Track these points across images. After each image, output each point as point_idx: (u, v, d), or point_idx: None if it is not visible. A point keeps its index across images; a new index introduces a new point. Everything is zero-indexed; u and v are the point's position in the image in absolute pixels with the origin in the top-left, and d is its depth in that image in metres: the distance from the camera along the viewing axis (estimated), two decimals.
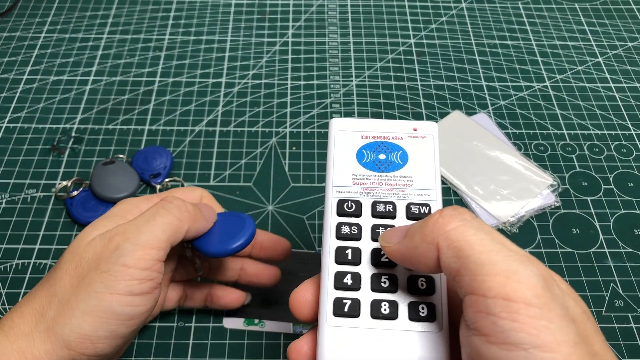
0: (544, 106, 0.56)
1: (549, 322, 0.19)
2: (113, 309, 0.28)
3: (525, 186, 0.49)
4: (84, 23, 0.64)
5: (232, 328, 0.41)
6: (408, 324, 0.25)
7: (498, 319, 0.20)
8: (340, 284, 0.26)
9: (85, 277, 0.29)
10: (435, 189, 0.29)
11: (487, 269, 0.20)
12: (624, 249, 0.46)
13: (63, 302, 0.28)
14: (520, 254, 0.21)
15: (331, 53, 0.61)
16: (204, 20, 0.65)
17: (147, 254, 0.29)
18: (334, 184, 0.29)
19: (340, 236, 0.27)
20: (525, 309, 0.19)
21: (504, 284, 0.20)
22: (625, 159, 0.52)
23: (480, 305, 0.20)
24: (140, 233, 0.29)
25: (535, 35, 0.64)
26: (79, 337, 0.28)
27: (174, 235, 0.30)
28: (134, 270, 0.28)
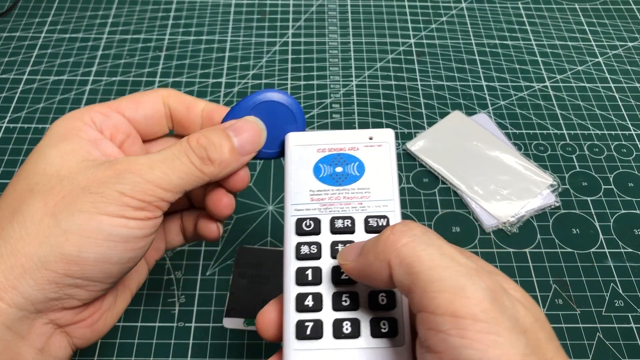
0: (544, 106, 0.56)
1: (497, 336, 0.19)
2: (103, 228, 0.24)
3: (525, 186, 0.49)
4: (84, 23, 0.64)
5: (232, 328, 0.41)
6: (370, 341, 0.25)
7: (447, 336, 0.20)
8: (302, 307, 0.26)
9: (66, 196, 0.25)
10: (393, 199, 0.28)
11: (435, 285, 0.21)
12: (624, 249, 0.46)
13: (34, 221, 0.24)
14: (468, 268, 0.21)
15: (331, 53, 0.61)
16: (204, 20, 0.65)
17: (151, 191, 0.25)
18: (292, 202, 0.28)
19: (300, 256, 0.27)
20: (473, 324, 0.19)
21: (451, 300, 0.20)
22: (625, 159, 0.52)
23: (431, 322, 0.20)
24: (151, 170, 0.26)
25: (535, 35, 0.64)
26: (60, 257, 0.24)
27: (191, 185, 0.27)
28: (130, 199, 0.25)
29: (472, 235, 0.46)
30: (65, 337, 0.27)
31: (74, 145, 0.27)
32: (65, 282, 0.24)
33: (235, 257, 0.45)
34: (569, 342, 0.41)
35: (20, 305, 0.24)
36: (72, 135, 0.27)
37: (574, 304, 0.43)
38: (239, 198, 0.48)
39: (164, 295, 0.43)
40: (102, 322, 0.28)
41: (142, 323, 0.41)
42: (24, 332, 0.24)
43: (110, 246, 0.25)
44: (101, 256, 0.25)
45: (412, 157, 0.52)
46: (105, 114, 0.29)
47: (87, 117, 0.28)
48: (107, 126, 0.29)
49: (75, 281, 0.24)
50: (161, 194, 0.26)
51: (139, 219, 0.25)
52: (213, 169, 0.27)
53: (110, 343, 0.40)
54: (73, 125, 0.28)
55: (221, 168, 0.28)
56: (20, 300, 0.24)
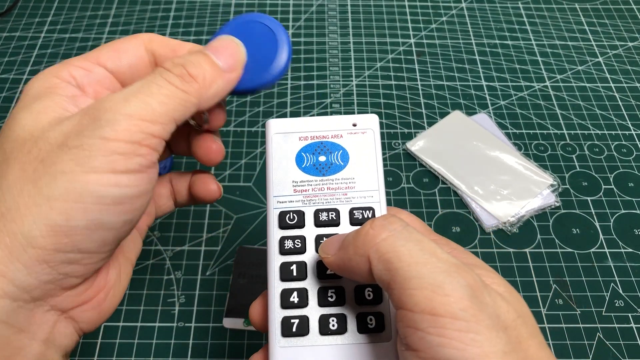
0: (544, 106, 0.56)
1: (477, 335, 0.19)
2: (91, 190, 0.21)
3: (526, 186, 0.49)
4: (83, 23, 0.64)
5: (232, 328, 0.41)
6: (357, 336, 0.25)
7: (426, 334, 0.19)
8: (287, 303, 0.25)
9: (44, 159, 0.21)
10: (378, 189, 0.27)
11: (414, 282, 0.20)
12: (624, 249, 0.46)
13: (14, 194, 0.21)
14: (448, 264, 0.21)
15: (331, 53, 0.61)
16: (203, 20, 0.65)
17: (135, 126, 0.22)
18: (274, 194, 0.27)
19: (284, 251, 0.26)
20: (452, 322, 0.19)
21: (430, 298, 0.20)
22: (625, 159, 0.52)
23: (409, 320, 0.20)
24: (127, 102, 0.22)
25: (536, 35, 0.64)
26: (47, 230, 0.21)
27: (178, 110, 0.23)
28: (115, 143, 0.21)
29: (472, 235, 0.46)
30: (70, 322, 0.24)
31: (47, 102, 0.23)
32: (57, 258, 0.21)
33: (235, 257, 0.45)
34: (569, 342, 0.41)
35: (13, 294, 0.21)
36: (47, 94, 0.24)
37: (574, 304, 0.43)
38: (239, 198, 0.48)
39: (164, 295, 0.43)
40: (109, 300, 0.26)
41: (142, 323, 0.41)
42: (22, 325, 0.22)
43: (102, 210, 0.21)
44: (92, 223, 0.21)
45: (412, 157, 0.52)
46: (86, 68, 0.26)
47: (65, 73, 0.25)
48: (89, 82, 0.26)
49: (67, 256, 0.21)
50: (148, 127, 0.22)
51: (131, 171, 0.22)
52: (197, 86, 0.24)
53: (110, 343, 0.40)
54: (49, 83, 0.25)
55: (205, 85, 0.24)
56: (12, 289, 0.21)
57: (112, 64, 0.27)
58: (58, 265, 0.21)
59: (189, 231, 0.46)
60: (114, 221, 0.22)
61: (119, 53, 0.27)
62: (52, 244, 0.21)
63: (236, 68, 0.26)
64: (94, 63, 0.26)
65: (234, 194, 0.48)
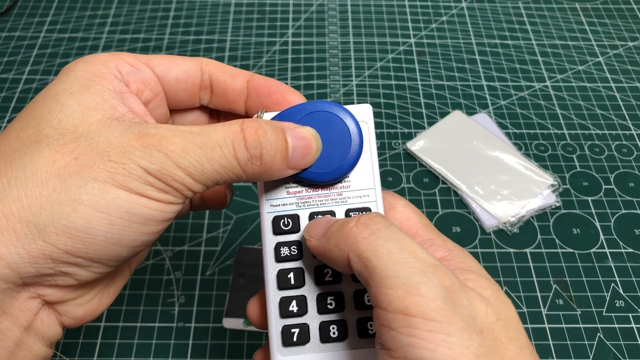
0: (545, 106, 0.56)
1: (448, 336, 0.19)
2: (120, 204, 0.21)
3: (526, 186, 0.49)
4: (83, 22, 0.64)
5: (231, 328, 0.41)
6: (358, 342, 0.25)
7: (398, 333, 0.19)
8: (287, 312, 0.25)
9: (79, 158, 0.21)
10: (374, 187, 0.26)
11: (389, 282, 0.20)
12: (625, 249, 0.46)
13: (37, 181, 0.20)
14: (425, 264, 0.20)
15: (331, 53, 0.61)
16: (203, 19, 0.65)
17: (180, 178, 0.22)
18: (267, 197, 0.26)
19: (280, 259, 0.26)
20: (423, 323, 0.19)
21: (403, 297, 0.20)
22: (626, 158, 0.52)
23: (383, 319, 0.20)
24: (185, 154, 0.21)
25: (536, 34, 0.64)
26: (64, 230, 0.20)
27: (224, 180, 0.23)
28: (154, 180, 0.21)
29: (472, 235, 0.46)
30: (54, 314, 0.23)
31: (97, 98, 0.23)
32: (65, 259, 0.21)
33: (235, 257, 0.44)
34: (569, 343, 0.41)
35: (5, 276, 0.20)
36: (94, 83, 0.23)
37: (574, 304, 0.43)
38: (239, 198, 0.48)
39: (164, 296, 0.43)
40: (97, 301, 0.25)
41: (141, 323, 0.41)
42: (6, 307, 0.21)
43: (125, 226, 0.21)
44: (113, 236, 0.21)
45: (412, 157, 0.52)
46: (134, 65, 0.25)
47: (113, 65, 0.24)
48: (134, 79, 0.25)
49: (76, 260, 0.21)
50: (190, 184, 0.22)
51: (160, 201, 0.22)
52: (257, 170, 0.23)
53: (110, 343, 0.40)
54: (97, 71, 0.24)
55: (262, 173, 0.24)
56: (6, 272, 0.20)
57: (161, 71, 0.26)
58: (63, 265, 0.21)
59: (188, 231, 0.46)
60: (133, 239, 0.22)
61: (171, 63, 0.26)
62: (64, 245, 0.20)
63: (297, 169, 0.25)
64: (143, 62, 0.26)
65: (233, 194, 0.48)
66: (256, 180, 0.24)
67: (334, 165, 0.25)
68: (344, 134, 0.26)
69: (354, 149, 0.26)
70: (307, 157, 0.25)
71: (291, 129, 0.24)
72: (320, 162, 0.25)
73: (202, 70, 0.27)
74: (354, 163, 0.26)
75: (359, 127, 0.26)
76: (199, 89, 0.27)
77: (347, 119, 0.26)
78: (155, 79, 0.26)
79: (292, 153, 0.24)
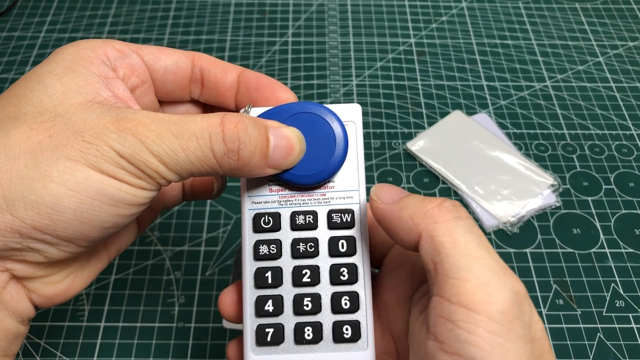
0: (545, 106, 0.56)
1: (506, 341, 0.19)
2: (91, 184, 0.20)
3: (526, 186, 0.49)
4: (83, 22, 0.64)
5: (231, 328, 0.41)
6: (332, 346, 0.25)
7: (455, 327, 0.19)
8: (262, 312, 0.25)
9: (53, 136, 0.21)
10: (359, 189, 0.26)
11: (460, 273, 0.20)
12: (625, 249, 0.46)
13: (10, 156, 0.20)
14: (500, 265, 0.20)
15: (331, 53, 0.61)
16: (203, 19, 0.65)
17: (153, 165, 0.21)
18: (249, 193, 0.26)
19: (259, 257, 0.25)
20: (486, 322, 0.19)
21: (472, 292, 0.19)
22: (626, 158, 0.52)
23: (443, 309, 0.19)
24: (159, 140, 0.21)
25: (536, 34, 0.64)
26: (32, 206, 0.20)
27: (199, 172, 0.23)
28: (127, 164, 0.21)
29: None
30: (23, 290, 0.23)
31: (81, 81, 0.22)
32: (32, 234, 0.20)
33: (235, 257, 0.44)
34: (569, 343, 0.41)
35: None
36: (80, 67, 0.23)
37: (574, 304, 0.43)
38: (239, 198, 0.48)
39: (164, 296, 0.43)
40: (69, 282, 0.24)
41: (141, 323, 0.41)
42: None
43: (95, 206, 0.21)
44: (82, 215, 0.21)
45: (412, 157, 0.52)
46: (122, 51, 0.25)
47: (102, 51, 0.24)
48: (122, 65, 0.25)
49: (44, 237, 0.21)
50: (164, 172, 0.22)
51: (133, 185, 0.22)
52: (234, 165, 0.23)
53: (110, 343, 0.40)
54: (84, 55, 0.24)
55: (238, 169, 0.23)
56: None
57: (150, 59, 0.26)
58: (30, 240, 0.21)
59: (188, 231, 0.46)
60: (102, 220, 0.21)
61: (161, 53, 0.26)
62: (31, 220, 0.20)
63: (279, 169, 0.25)
64: (133, 50, 0.26)
65: (233, 194, 0.48)
66: (234, 175, 0.24)
67: (317, 168, 0.25)
68: (329, 137, 0.25)
69: (338, 153, 0.25)
70: (289, 157, 0.25)
71: (275, 127, 0.24)
72: (303, 164, 0.25)
73: (194, 64, 0.27)
74: (337, 167, 0.25)
75: (344, 130, 0.26)
76: (189, 81, 0.27)
77: (334, 122, 0.25)
78: (143, 66, 0.26)
79: (273, 152, 0.24)
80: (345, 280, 0.25)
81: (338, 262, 0.25)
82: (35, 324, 0.41)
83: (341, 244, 0.26)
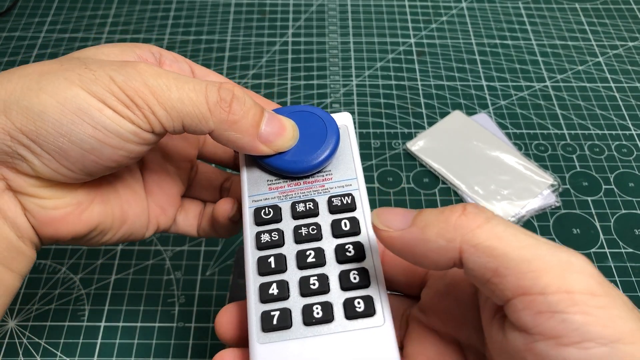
0: (545, 106, 0.56)
1: (620, 311, 0.17)
2: (75, 100, 0.22)
3: (526, 186, 0.49)
4: (83, 23, 0.64)
5: None
6: (346, 323, 0.22)
7: (568, 315, 0.17)
8: (267, 296, 0.23)
9: (64, 64, 0.23)
10: (357, 177, 0.26)
11: (535, 264, 0.18)
12: (625, 249, 0.46)
13: (23, 74, 0.23)
14: (559, 245, 0.19)
15: (331, 53, 0.61)
16: (203, 19, 0.65)
17: (143, 94, 0.23)
18: (249, 193, 0.26)
19: (261, 246, 0.25)
20: (593, 299, 0.17)
21: (562, 276, 0.18)
22: (625, 159, 0.52)
23: (541, 304, 0.18)
24: (157, 77, 0.23)
25: (536, 35, 0.64)
26: (22, 109, 0.22)
27: (189, 121, 0.23)
28: (118, 89, 0.22)
29: None
30: (19, 205, 0.24)
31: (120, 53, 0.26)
32: (19, 138, 0.22)
33: (235, 257, 0.44)
34: None
35: None
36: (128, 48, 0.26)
37: None
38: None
39: (164, 296, 0.43)
40: (63, 214, 0.25)
41: (141, 323, 0.41)
42: None
43: (75, 122, 0.22)
44: (61, 127, 0.22)
45: (412, 157, 0.52)
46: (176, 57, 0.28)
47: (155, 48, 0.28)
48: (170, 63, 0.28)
49: (29, 143, 0.22)
50: (154, 105, 0.23)
51: (119, 113, 0.22)
52: (225, 117, 0.24)
53: (110, 343, 0.40)
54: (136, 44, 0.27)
55: (230, 125, 0.24)
56: None
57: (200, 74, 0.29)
58: (18, 145, 0.22)
59: None
60: (81, 138, 0.22)
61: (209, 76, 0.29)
62: (20, 123, 0.22)
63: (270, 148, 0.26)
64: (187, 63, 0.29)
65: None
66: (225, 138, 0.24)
67: (310, 155, 0.26)
68: (321, 127, 0.27)
69: (330, 141, 0.27)
70: (281, 136, 0.26)
71: (271, 112, 0.26)
72: (297, 154, 0.26)
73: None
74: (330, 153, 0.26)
75: (335, 124, 0.27)
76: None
77: (326, 117, 0.27)
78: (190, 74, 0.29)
79: (266, 126, 0.25)
80: (352, 257, 0.24)
81: (343, 241, 0.25)
82: (36, 324, 0.41)
83: (344, 223, 0.25)
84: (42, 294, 0.42)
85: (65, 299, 0.42)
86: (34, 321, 0.41)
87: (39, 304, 0.42)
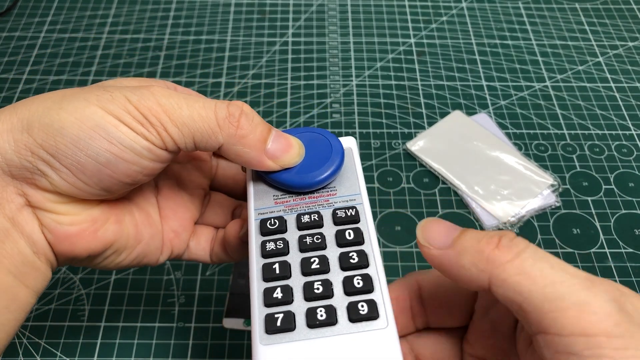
0: (545, 106, 0.56)
1: (636, 350, 0.18)
2: (93, 117, 0.23)
3: (526, 186, 0.49)
4: (83, 23, 0.64)
5: (231, 328, 0.41)
6: (350, 326, 0.23)
7: (582, 357, 0.18)
8: (270, 300, 0.24)
9: (85, 88, 0.25)
10: (360, 193, 0.27)
11: (555, 304, 0.19)
12: (625, 249, 0.46)
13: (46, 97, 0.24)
14: (583, 279, 0.20)
15: (331, 53, 0.61)
16: (203, 20, 0.65)
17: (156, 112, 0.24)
18: (255, 207, 0.27)
19: (266, 253, 0.25)
20: (608, 341, 0.18)
21: (578, 318, 0.18)
22: (625, 159, 0.52)
23: (558, 345, 0.18)
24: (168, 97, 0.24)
25: (536, 34, 0.64)
26: (43, 126, 0.23)
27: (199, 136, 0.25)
28: (133, 108, 0.24)
29: None
30: (36, 221, 0.25)
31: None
32: (39, 153, 0.23)
33: None
34: None
35: None
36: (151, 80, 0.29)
37: None
38: None
39: (164, 296, 0.43)
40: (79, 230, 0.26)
41: (141, 323, 0.41)
42: None
43: (93, 137, 0.23)
44: (79, 142, 0.23)
45: (412, 157, 0.52)
46: None
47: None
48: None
49: (48, 157, 0.23)
50: (166, 122, 0.24)
51: (134, 130, 0.24)
52: (233, 132, 0.25)
53: (110, 343, 0.40)
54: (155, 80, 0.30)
55: (238, 139, 0.25)
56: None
57: None
58: (38, 160, 0.23)
59: None
60: (97, 152, 0.23)
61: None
62: (41, 139, 0.23)
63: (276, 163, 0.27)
64: None
65: None
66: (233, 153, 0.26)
67: (315, 170, 0.27)
68: (326, 146, 0.28)
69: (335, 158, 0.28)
70: (287, 152, 0.27)
71: (277, 129, 0.27)
72: (303, 170, 0.27)
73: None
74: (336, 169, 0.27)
75: (340, 143, 0.28)
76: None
77: (331, 137, 0.29)
78: None
79: (273, 142, 0.26)
80: (355, 264, 0.25)
81: (347, 250, 0.25)
82: (36, 324, 0.41)
83: (348, 233, 0.26)
84: (42, 294, 0.42)
85: (65, 299, 0.42)
86: (33, 321, 0.41)
87: (39, 304, 0.42)
